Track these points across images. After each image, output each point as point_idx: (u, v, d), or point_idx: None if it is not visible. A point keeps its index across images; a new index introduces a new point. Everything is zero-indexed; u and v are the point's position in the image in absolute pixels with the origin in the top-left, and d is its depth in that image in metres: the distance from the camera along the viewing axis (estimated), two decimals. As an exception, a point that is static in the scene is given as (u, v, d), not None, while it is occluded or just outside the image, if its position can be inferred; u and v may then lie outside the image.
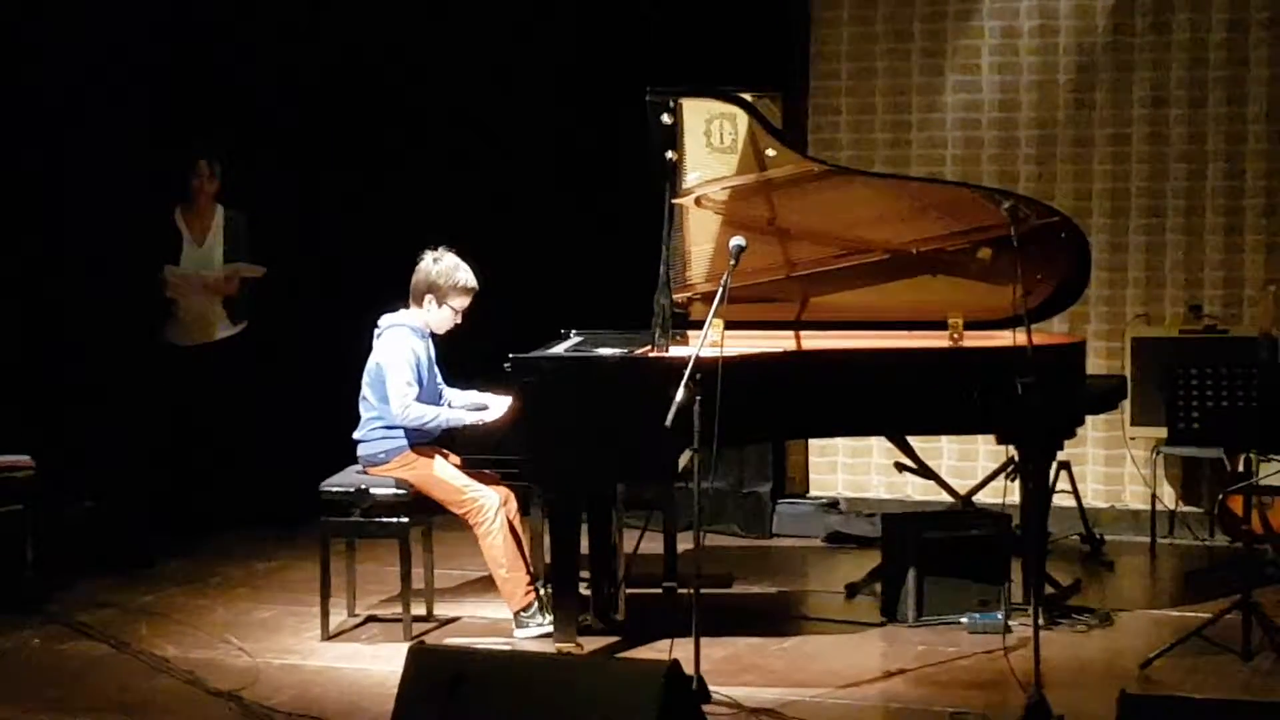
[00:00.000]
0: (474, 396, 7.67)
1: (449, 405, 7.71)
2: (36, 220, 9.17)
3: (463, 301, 7.68)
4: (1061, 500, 8.95)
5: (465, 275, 7.67)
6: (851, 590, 8.41)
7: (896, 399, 7.64)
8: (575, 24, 10.11)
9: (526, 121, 10.15)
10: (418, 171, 10.22)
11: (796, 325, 8.14)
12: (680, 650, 6.41)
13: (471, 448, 7.56)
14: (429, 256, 7.68)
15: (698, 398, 6.59)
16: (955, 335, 7.93)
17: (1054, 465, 8.24)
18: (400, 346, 7.59)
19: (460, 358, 7.89)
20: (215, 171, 9.67)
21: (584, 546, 7.63)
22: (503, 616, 7.75)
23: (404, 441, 7.63)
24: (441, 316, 7.68)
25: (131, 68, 9.52)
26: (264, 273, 9.70)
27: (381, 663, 7.22)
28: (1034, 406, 6.55)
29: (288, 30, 10.11)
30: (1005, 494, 7.72)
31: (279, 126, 10.05)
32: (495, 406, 7.53)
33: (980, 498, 8.89)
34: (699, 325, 7.30)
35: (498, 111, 10.21)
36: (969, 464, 9.71)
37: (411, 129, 10.32)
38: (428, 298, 7.65)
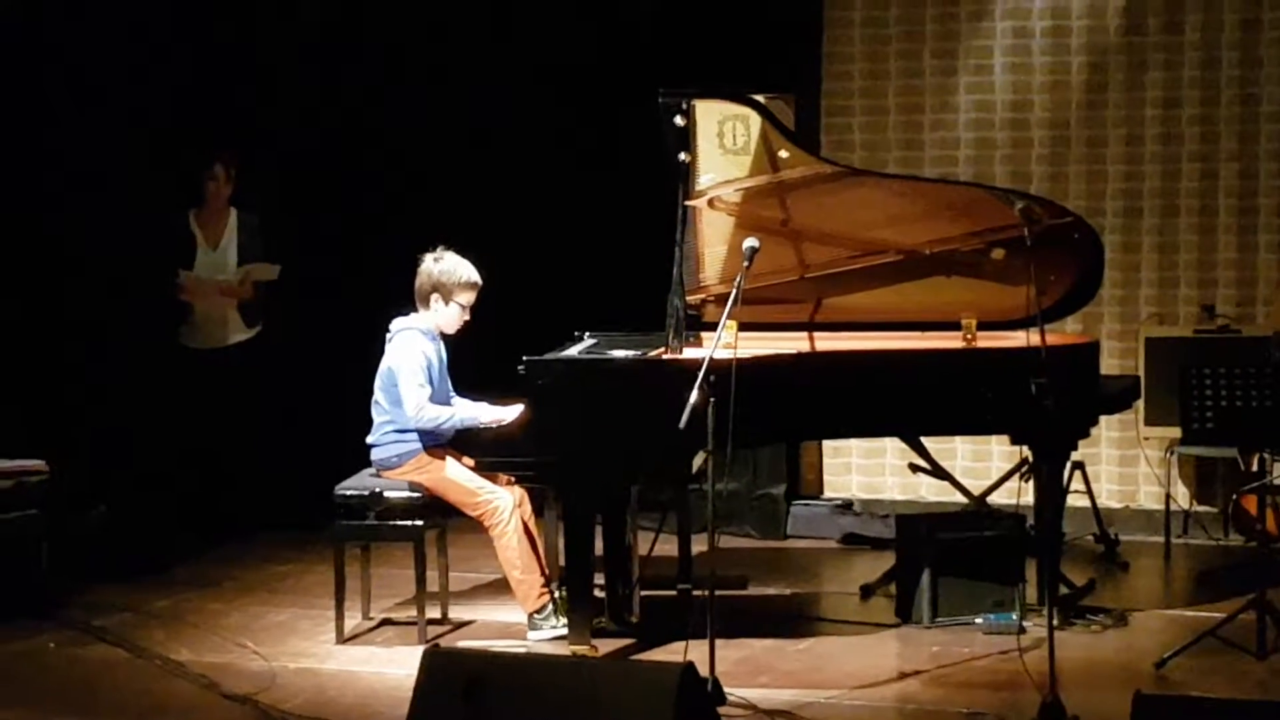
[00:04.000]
0: (484, 408, 7.65)
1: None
2: (50, 225, 9.18)
3: (469, 297, 7.68)
4: (1076, 500, 8.94)
5: (468, 270, 7.68)
6: (866, 591, 8.41)
7: (910, 400, 7.63)
8: (588, 26, 10.10)
9: (539, 124, 10.16)
10: (429, 174, 10.23)
11: (810, 327, 8.15)
12: (695, 652, 6.41)
13: (485, 450, 7.56)
14: (429, 258, 7.69)
15: (711, 399, 6.60)
16: (969, 336, 7.93)
17: (1068, 465, 8.23)
18: (411, 349, 7.59)
19: (474, 361, 7.90)
20: (230, 174, 9.69)
21: (598, 549, 7.64)
22: (517, 619, 7.76)
23: (417, 445, 7.64)
24: (450, 315, 7.69)
25: (144, 71, 9.53)
26: (278, 272, 9.71)
27: (396, 666, 7.23)
28: (1048, 407, 6.55)
29: (298, 33, 10.12)
30: (1019, 494, 7.72)
31: (290, 129, 10.06)
32: (510, 409, 7.53)
33: (994, 498, 8.89)
34: (712, 327, 7.30)
35: (510, 113, 10.21)
36: (983, 465, 9.70)
37: (424, 132, 10.32)
38: (434, 297, 7.66)
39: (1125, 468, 9.72)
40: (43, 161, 9.13)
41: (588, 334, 8.19)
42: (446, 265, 7.66)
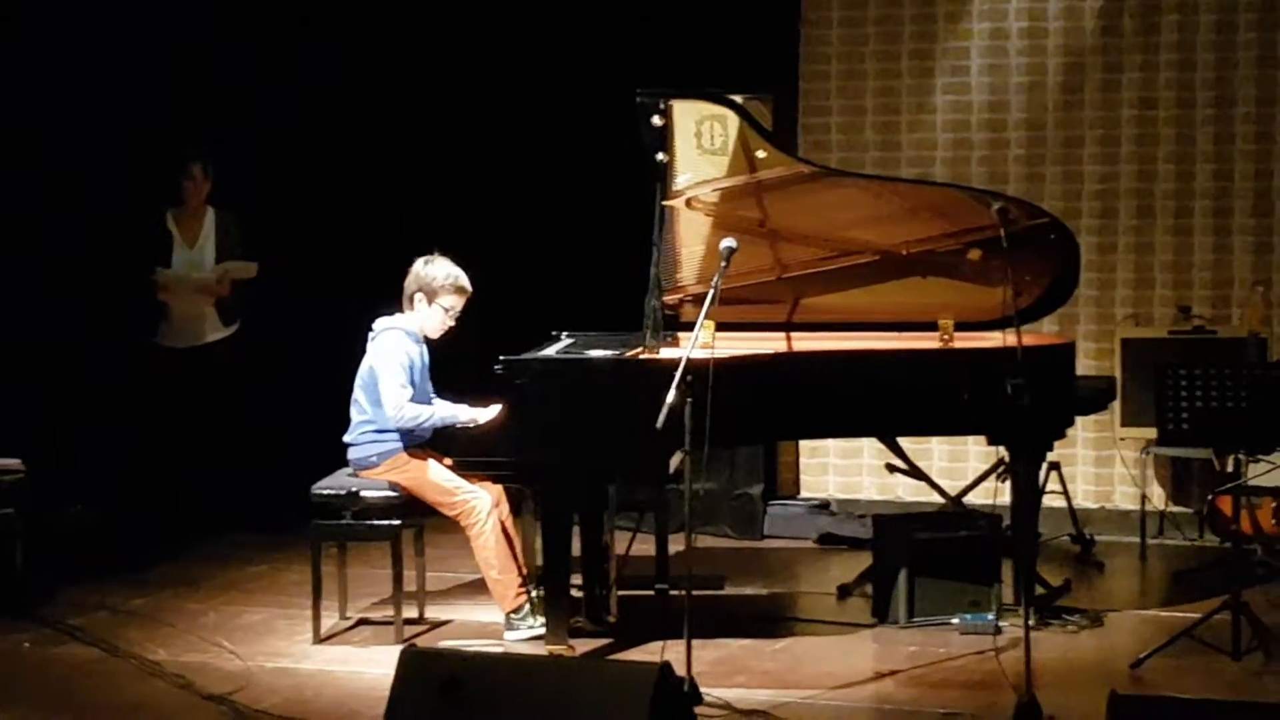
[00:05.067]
0: (463, 408, 7.64)
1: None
2: (27, 223, 9.16)
3: (453, 300, 7.68)
4: (1051, 501, 8.97)
5: (456, 275, 7.68)
6: (843, 591, 8.42)
7: (887, 400, 7.64)
8: (565, 26, 10.10)
9: (518, 124, 10.16)
10: (409, 174, 10.22)
11: (787, 327, 8.16)
12: (672, 652, 6.41)
13: (463, 449, 7.56)
14: (420, 260, 7.70)
15: (689, 399, 6.60)
16: (945, 336, 7.94)
17: (1044, 466, 8.25)
18: (394, 349, 7.59)
19: (452, 360, 7.89)
20: (207, 173, 9.67)
21: (576, 548, 7.64)
22: (495, 619, 7.76)
23: (395, 444, 7.64)
24: (433, 317, 7.68)
25: (122, 71, 9.51)
26: (256, 271, 9.70)
27: (373, 666, 7.22)
28: (1024, 407, 6.56)
29: (280, 30, 10.11)
30: (996, 495, 7.73)
31: (271, 126, 10.04)
32: (488, 409, 7.52)
33: (971, 499, 8.90)
34: (690, 327, 7.30)
35: (488, 114, 10.21)
36: (959, 465, 9.72)
37: (403, 133, 10.31)
38: (418, 297, 7.66)
39: (1101, 468, 9.75)
40: (20, 160, 9.10)
41: (565, 334, 8.19)
42: (434, 268, 7.66)
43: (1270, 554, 8.64)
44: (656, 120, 7.49)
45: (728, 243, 7.02)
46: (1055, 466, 9.04)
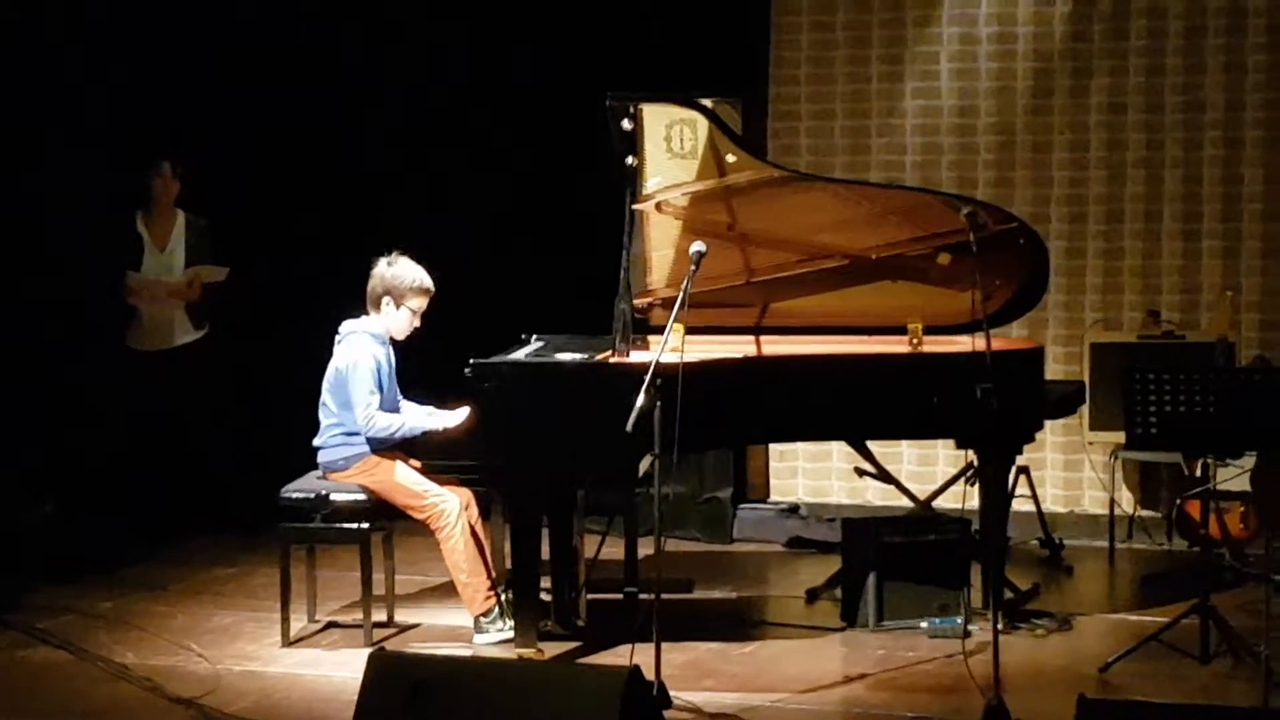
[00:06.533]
0: (433, 418, 7.63)
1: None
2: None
3: (420, 302, 7.68)
4: (1020, 505, 8.97)
5: (421, 276, 7.67)
6: (812, 595, 8.43)
7: (856, 404, 7.66)
8: (534, 30, 10.10)
9: (485, 128, 10.14)
10: (379, 177, 10.21)
11: (757, 330, 8.16)
12: (641, 656, 6.42)
13: (432, 452, 7.55)
14: (382, 262, 7.68)
15: (658, 403, 6.60)
16: (915, 340, 7.96)
17: (1013, 470, 8.27)
18: (361, 353, 7.57)
19: (421, 363, 7.88)
20: (176, 174, 9.64)
21: (545, 552, 7.63)
22: (463, 623, 7.75)
23: (364, 448, 7.63)
24: (400, 319, 7.67)
25: (91, 72, 9.48)
26: (226, 274, 9.67)
27: (342, 669, 7.22)
28: (993, 411, 6.57)
29: (249, 31, 10.09)
30: (965, 499, 7.73)
31: (238, 131, 10.02)
32: (457, 414, 7.51)
33: (940, 503, 8.92)
34: (660, 330, 7.32)
35: (457, 117, 10.20)
36: (929, 469, 9.74)
37: (372, 136, 10.30)
38: (385, 300, 7.65)
39: (1070, 472, 9.77)
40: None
41: (535, 337, 8.19)
42: (399, 270, 7.65)
43: (1238, 558, 8.67)
44: (626, 124, 7.50)
45: (697, 247, 7.03)
46: (1024, 470, 9.05)
